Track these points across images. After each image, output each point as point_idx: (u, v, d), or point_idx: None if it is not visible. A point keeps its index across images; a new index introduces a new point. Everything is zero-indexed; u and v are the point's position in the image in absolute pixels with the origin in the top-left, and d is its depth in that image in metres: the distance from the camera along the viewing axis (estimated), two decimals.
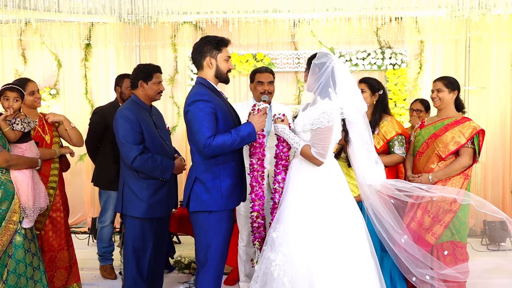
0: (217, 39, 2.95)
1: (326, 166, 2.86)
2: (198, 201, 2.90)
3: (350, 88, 2.85)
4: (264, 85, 3.73)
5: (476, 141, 3.43)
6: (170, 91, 6.23)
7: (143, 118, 3.34)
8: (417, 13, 5.83)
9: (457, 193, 3.22)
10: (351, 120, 2.89)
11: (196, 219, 2.95)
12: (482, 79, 5.98)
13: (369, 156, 2.96)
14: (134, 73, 3.47)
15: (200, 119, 2.77)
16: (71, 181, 6.26)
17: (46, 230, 3.66)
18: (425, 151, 3.54)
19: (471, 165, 3.47)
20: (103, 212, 4.41)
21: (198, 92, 2.85)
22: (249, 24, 5.91)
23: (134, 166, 3.24)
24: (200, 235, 2.96)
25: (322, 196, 2.80)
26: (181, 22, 6.17)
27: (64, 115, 6.23)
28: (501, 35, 5.90)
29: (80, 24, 6.08)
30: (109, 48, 6.33)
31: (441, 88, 3.56)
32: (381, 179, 2.96)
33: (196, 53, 2.98)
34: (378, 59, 6.05)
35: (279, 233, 2.75)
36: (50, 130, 3.76)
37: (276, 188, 3.01)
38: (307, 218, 2.76)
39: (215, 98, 2.88)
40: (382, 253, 3.31)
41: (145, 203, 3.31)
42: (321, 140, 2.77)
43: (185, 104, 2.89)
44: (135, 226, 3.37)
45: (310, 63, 2.93)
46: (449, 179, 3.43)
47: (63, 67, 6.31)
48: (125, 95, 4.24)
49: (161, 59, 6.29)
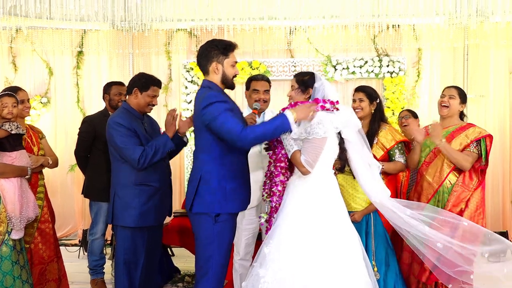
0: (224, 43, 2.90)
1: (324, 183, 2.84)
2: (202, 202, 2.84)
3: (341, 105, 2.91)
4: (260, 94, 3.67)
5: (483, 145, 3.38)
6: (164, 100, 6.19)
7: (135, 126, 3.32)
8: (414, 21, 5.84)
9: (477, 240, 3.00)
10: (346, 137, 2.89)
11: (198, 225, 2.88)
12: (481, 87, 5.99)
13: (372, 172, 2.93)
14: (132, 80, 3.47)
15: (224, 115, 2.72)
16: (61, 192, 6.21)
17: (36, 242, 3.62)
18: (432, 160, 3.50)
19: (481, 170, 3.41)
20: (94, 224, 4.34)
21: (212, 95, 2.80)
22: (244, 32, 5.88)
23: (141, 165, 3.20)
24: (201, 245, 2.89)
25: (318, 214, 2.76)
26: (175, 29, 6.15)
27: (55, 124, 6.17)
28: (499, 42, 5.91)
29: (72, 31, 6.07)
30: (102, 56, 6.29)
31: (454, 95, 3.49)
32: (385, 195, 2.91)
33: (202, 58, 2.92)
34: (375, 67, 6.04)
35: (271, 248, 2.70)
36: (37, 142, 3.77)
37: (274, 191, 2.97)
38: (301, 235, 2.71)
39: (229, 99, 2.88)
40: (385, 267, 3.30)
41: (136, 210, 3.26)
42: (313, 149, 2.75)
43: (198, 108, 2.82)
44: (126, 237, 3.31)
45: (301, 82, 2.95)
46: (471, 195, 3.38)
47: (55, 75, 6.26)
48: (114, 102, 4.24)
49: (155, 67, 6.27)
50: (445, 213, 3.02)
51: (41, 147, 3.78)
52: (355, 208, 3.41)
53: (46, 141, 3.93)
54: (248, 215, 3.62)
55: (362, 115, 3.50)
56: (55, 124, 6.26)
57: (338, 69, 6.07)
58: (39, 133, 3.90)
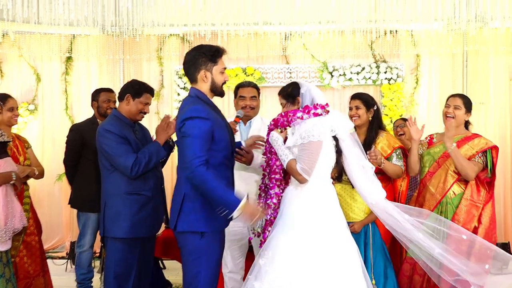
0: (212, 49, 2.84)
1: (322, 193, 2.83)
2: (187, 220, 2.79)
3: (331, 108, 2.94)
4: (246, 100, 3.64)
5: (489, 157, 3.40)
6: (155, 107, 6.17)
7: (126, 133, 3.30)
8: (412, 26, 5.88)
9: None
10: (341, 137, 2.90)
11: (184, 242, 2.83)
12: (481, 94, 6.02)
13: (366, 173, 2.93)
14: (125, 86, 3.47)
15: (194, 136, 2.68)
16: (48, 202, 6.17)
17: (21, 256, 3.59)
18: (436, 170, 3.50)
19: (487, 182, 3.43)
20: (81, 235, 4.29)
21: (196, 109, 2.73)
22: (238, 37, 5.91)
23: (135, 173, 3.18)
24: (188, 260, 2.83)
25: (316, 225, 2.75)
26: (167, 35, 6.16)
27: (43, 132, 6.15)
28: (499, 48, 5.95)
29: (61, 36, 6.02)
30: (91, 62, 6.28)
31: (460, 105, 3.48)
32: (380, 196, 2.91)
33: (189, 66, 2.86)
34: (373, 73, 6.07)
35: (267, 260, 2.68)
36: (23, 152, 3.75)
37: (269, 204, 2.95)
38: (298, 247, 2.70)
39: (213, 115, 2.79)
40: (384, 280, 3.31)
41: (128, 221, 3.22)
42: (309, 155, 2.74)
43: (179, 118, 2.78)
44: (117, 249, 3.27)
45: (287, 96, 2.97)
46: (482, 209, 3.38)
47: (42, 81, 6.24)
48: (103, 109, 4.25)
49: (146, 73, 6.27)
50: (449, 224, 3.04)
51: (27, 157, 3.76)
52: (353, 218, 3.41)
53: (32, 151, 3.92)
54: (232, 226, 3.55)
55: (359, 123, 3.51)
56: (43, 132, 6.23)
57: (335, 76, 6.09)
58: (25, 142, 3.89)
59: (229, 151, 2.87)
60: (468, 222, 3.37)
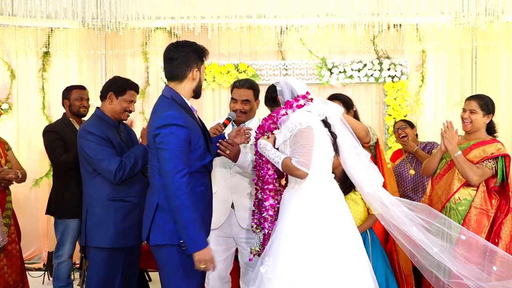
0: (200, 47, 2.85)
1: (323, 189, 2.84)
2: (161, 233, 2.73)
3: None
4: (237, 104, 3.47)
5: (501, 164, 3.39)
6: (140, 106, 6.16)
7: (110, 135, 3.28)
8: (418, 20, 5.90)
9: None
10: (332, 122, 2.96)
11: (160, 255, 2.77)
12: (491, 92, 5.96)
13: (361, 160, 2.97)
14: (106, 84, 3.45)
15: (172, 148, 2.64)
16: (24, 209, 6.12)
17: (1, 265, 3.57)
18: (446, 173, 3.53)
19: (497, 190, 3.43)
20: (60, 245, 4.25)
21: (172, 115, 2.68)
22: (230, 31, 5.91)
23: (119, 178, 3.15)
24: (166, 274, 2.78)
25: (319, 224, 2.75)
26: (153, 28, 6.16)
27: (17, 133, 6.11)
28: (510, 44, 6.01)
29: (37, 30, 6.02)
30: (71, 57, 6.26)
31: (475, 109, 3.47)
32: (378, 183, 2.95)
33: (180, 63, 2.80)
34: (375, 70, 6.08)
35: (268, 267, 2.68)
36: (4, 154, 3.73)
37: (265, 217, 2.96)
38: (300, 250, 2.70)
39: (189, 121, 2.75)
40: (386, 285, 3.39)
41: (112, 229, 3.20)
42: (302, 147, 2.76)
43: (154, 124, 2.71)
44: (100, 259, 3.25)
45: (269, 101, 3.14)
46: (503, 220, 3.37)
47: (17, 78, 6.19)
48: (75, 108, 4.25)
49: (130, 70, 6.26)
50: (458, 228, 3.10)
51: (8, 159, 3.73)
52: None
53: (13, 153, 3.90)
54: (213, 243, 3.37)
55: None
56: (17, 133, 6.19)
57: (334, 73, 6.10)
58: (5, 144, 3.86)
59: (206, 160, 2.84)
60: (479, 232, 3.35)
